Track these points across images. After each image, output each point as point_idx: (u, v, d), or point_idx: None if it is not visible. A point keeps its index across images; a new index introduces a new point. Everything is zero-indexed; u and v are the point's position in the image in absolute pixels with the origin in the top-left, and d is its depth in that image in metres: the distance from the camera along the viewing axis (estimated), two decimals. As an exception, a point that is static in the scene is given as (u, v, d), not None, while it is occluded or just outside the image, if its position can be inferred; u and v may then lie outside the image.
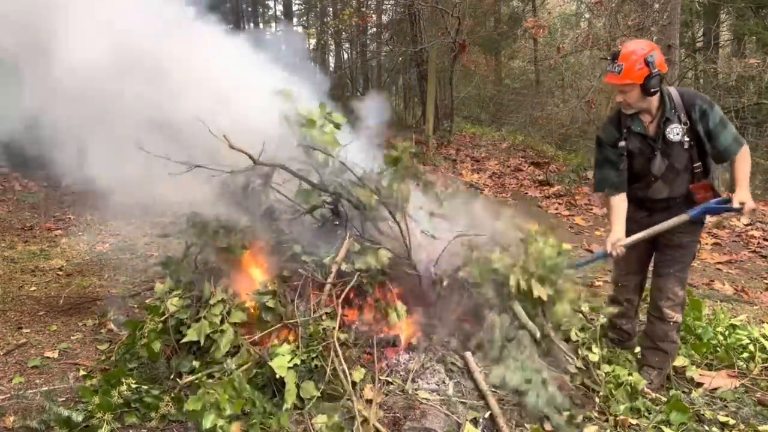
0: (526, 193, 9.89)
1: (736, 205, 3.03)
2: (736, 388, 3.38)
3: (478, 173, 10.84)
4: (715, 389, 3.37)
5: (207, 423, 2.60)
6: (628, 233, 3.31)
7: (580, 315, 3.75)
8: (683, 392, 3.32)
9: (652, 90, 3.05)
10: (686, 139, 3.12)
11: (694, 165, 3.17)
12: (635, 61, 3.00)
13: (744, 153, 3.13)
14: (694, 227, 3.27)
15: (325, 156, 3.33)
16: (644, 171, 3.26)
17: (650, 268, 3.53)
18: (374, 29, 16.15)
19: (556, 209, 8.89)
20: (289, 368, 2.88)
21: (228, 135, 2.91)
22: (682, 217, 3.16)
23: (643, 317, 3.77)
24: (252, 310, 3.20)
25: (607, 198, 3.36)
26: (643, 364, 3.46)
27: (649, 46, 3.08)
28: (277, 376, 2.85)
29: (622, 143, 3.24)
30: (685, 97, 3.13)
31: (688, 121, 3.10)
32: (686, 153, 3.15)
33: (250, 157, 3.06)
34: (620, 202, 3.31)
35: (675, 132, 3.12)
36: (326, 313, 3.07)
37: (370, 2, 15.84)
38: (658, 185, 3.24)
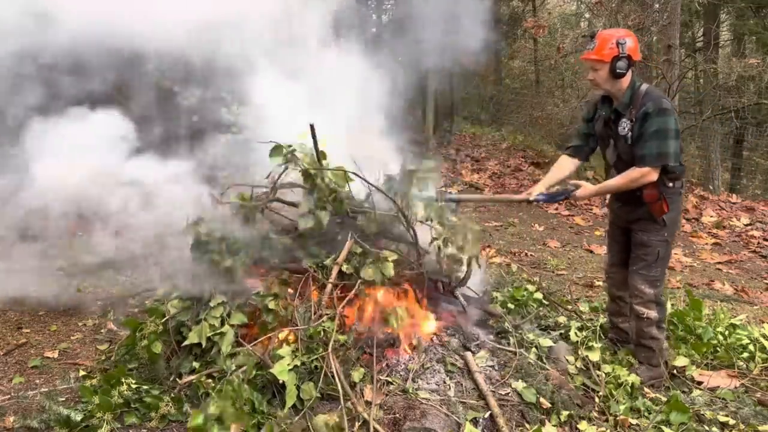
0: (526, 193, 9.87)
1: (572, 186, 3.36)
2: (736, 388, 3.39)
3: (478, 173, 10.84)
4: (715, 388, 3.37)
5: None
6: (611, 234, 3.69)
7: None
8: (683, 392, 3.32)
9: (619, 71, 3.18)
10: (629, 135, 3.21)
11: None
12: (607, 41, 3.17)
13: (646, 170, 3.16)
14: (653, 226, 3.31)
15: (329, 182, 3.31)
16: (605, 156, 3.50)
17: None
18: (374, 29, 16.13)
19: (556, 209, 8.88)
20: (289, 370, 2.88)
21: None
22: (522, 197, 3.50)
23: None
24: (253, 312, 3.20)
25: (561, 155, 3.67)
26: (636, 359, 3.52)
27: (625, 33, 3.24)
28: (280, 381, 2.85)
29: (591, 123, 3.50)
30: (644, 96, 3.21)
31: (634, 119, 3.19)
32: (630, 149, 3.23)
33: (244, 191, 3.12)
34: (563, 162, 3.61)
35: (623, 126, 3.25)
36: (326, 314, 3.07)
37: (370, 2, 15.83)
38: (612, 173, 3.40)
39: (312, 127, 3.21)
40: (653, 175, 3.16)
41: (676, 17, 9.08)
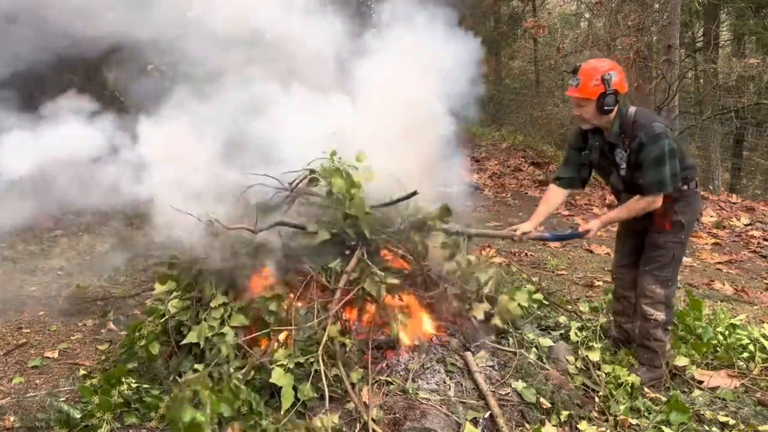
0: (526, 193, 9.89)
1: (582, 229, 3.33)
2: (736, 388, 3.39)
3: (478, 173, 10.84)
4: (715, 388, 3.37)
5: (186, 417, 2.54)
6: (622, 236, 3.60)
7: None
8: (683, 392, 3.32)
9: (606, 108, 3.09)
10: (624, 165, 3.18)
11: None
12: (592, 77, 3.07)
13: (650, 199, 3.14)
14: (670, 229, 3.28)
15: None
16: (608, 183, 3.44)
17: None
18: (374, 29, 16.13)
19: (556, 209, 8.88)
20: (287, 371, 2.87)
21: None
22: (518, 234, 3.44)
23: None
24: (254, 313, 3.19)
25: (550, 185, 3.58)
26: (637, 360, 3.50)
27: (610, 65, 3.14)
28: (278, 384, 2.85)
29: (586, 152, 3.38)
30: (634, 124, 3.14)
31: (628, 149, 3.15)
32: (632, 176, 3.19)
33: (249, 230, 3.11)
34: (554, 194, 3.54)
35: (619, 156, 3.20)
36: (327, 317, 3.06)
37: (370, 2, 15.83)
38: (624, 197, 3.34)
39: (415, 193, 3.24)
40: (658, 201, 3.14)
41: (676, 17, 9.08)
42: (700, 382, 3.43)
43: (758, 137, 12.06)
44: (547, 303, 4.36)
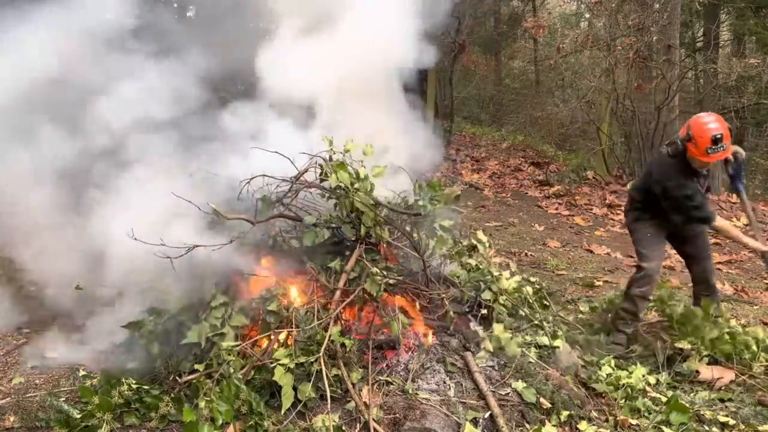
0: (526, 193, 9.89)
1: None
2: (732, 380, 3.41)
3: (478, 173, 10.84)
4: (712, 384, 3.39)
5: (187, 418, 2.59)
6: (658, 236, 4.05)
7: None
8: (683, 392, 3.32)
9: None
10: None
11: None
12: (729, 137, 3.67)
13: None
14: None
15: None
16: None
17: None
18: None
19: (556, 209, 8.89)
20: (287, 371, 2.87)
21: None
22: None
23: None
24: (254, 313, 3.19)
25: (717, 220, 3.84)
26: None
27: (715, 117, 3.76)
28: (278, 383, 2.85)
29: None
30: None
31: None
32: None
33: (248, 220, 3.10)
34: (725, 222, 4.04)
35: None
36: (328, 316, 3.06)
37: (370, 2, 15.81)
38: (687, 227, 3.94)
39: None
40: None
41: (676, 17, 9.09)
42: (698, 373, 3.48)
43: (758, 137, 12.07)
44: (547, 304, 4.36)
